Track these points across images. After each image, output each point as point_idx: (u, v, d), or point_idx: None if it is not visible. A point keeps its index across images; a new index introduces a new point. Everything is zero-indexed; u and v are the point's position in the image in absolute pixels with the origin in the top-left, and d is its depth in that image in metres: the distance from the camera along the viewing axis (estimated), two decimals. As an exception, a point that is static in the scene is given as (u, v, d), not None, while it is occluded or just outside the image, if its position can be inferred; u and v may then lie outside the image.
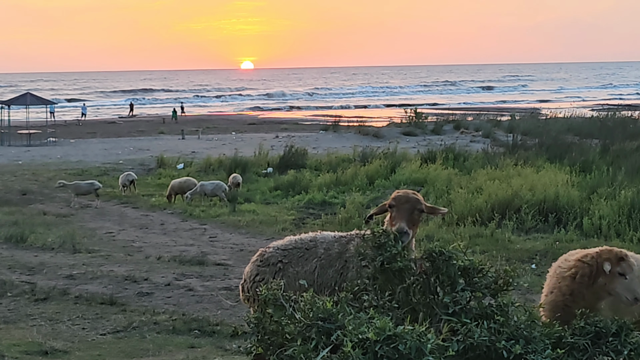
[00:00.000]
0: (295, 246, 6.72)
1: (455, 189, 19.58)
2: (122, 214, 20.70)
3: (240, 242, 16.71)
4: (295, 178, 24.13)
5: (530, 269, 13.33)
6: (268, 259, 6.69)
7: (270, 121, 65.69)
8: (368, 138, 41.29)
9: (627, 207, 16.35)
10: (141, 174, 28.54)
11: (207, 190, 22.43)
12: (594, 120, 45.37)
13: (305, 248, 6.68)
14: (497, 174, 20.98)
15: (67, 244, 15.78)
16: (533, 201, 17.52)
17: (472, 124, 47.56)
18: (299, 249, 6.70)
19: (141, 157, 34.36)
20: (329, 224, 17.97)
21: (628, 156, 24.69)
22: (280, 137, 43.78)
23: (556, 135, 33.72)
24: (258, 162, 28.92)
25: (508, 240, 15.44)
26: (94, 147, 40.21)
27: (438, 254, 5.09)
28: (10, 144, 42.13)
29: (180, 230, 18.38)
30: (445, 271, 5.04)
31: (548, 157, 25.34)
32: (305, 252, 6.65)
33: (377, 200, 20.34)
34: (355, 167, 24.95)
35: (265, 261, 6.69)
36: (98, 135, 49.19)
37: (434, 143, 35.35)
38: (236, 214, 19.86)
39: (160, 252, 15.47)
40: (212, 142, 42.56)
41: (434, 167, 23.89)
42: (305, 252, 6.65)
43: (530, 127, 40.93)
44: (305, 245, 6.70)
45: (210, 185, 22.64)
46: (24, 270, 13.58)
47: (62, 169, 29.87)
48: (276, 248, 6.78)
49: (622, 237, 15.28)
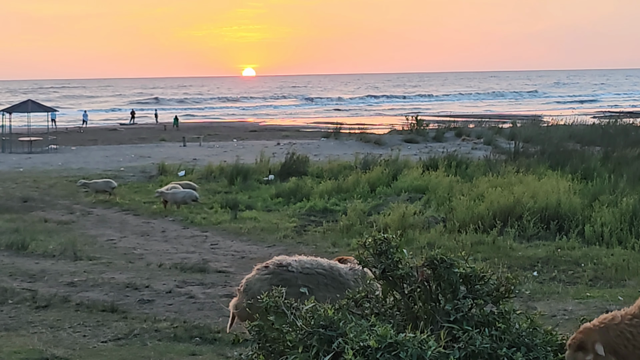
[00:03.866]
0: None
1: (456, 197, 19.56)
2: (123, 221, 20.68)
3: (242, 249, 16.69)
4: (296, 185, 24.10)
5: (532, 277, 13.29)
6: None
7: (271, 128, 65.70)
8: (369, 145, 41.26)
9: (629, 215, 16.33)
10: (142, 181, 28.54)
11: (177, 199, 22.22)
12: (595, 127, 45.37)
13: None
14: (499, 181, 20.95)
15: (68, 251, 15.77)
16: (535, 208, 17.49)
17: (474, 131, 47.55)
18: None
19: (142, 164, 34.35)
20: (331, 232, 17.97)
21: (630, 163, 24.68)
22: (281, 144, 43.79)
23: (558, 143, 33.70)
24: (259, 169, 28.89)
25: (510, 247, 15.42)
26: (95, 154, 40.21)
27: (439, 262, 5.09)
28: (11, 151, 42.16)
29: (182, 237, 18.36)
30: (447, 278, 5.04)
31: (550, 165, 25.31)
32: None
33: (379, 208, 20.35)
34: (356, 175, 24.92)
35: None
36: (99, 143, 49.21)
37: (435, 150, 35.34)
38: (237, 221, 19.84)
39: (162, 259, 15.45)
40: (213, 149, 42.57)
41: (435, 175, 23.87)
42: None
43: (532, 134, 40.90)
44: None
45: (180, 194, 22.37)
46: (25, 278, 13.57)
47: (63, 176, 29.86)
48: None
49: (624, 245, 15.25)
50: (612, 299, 11.60)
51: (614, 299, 11.56)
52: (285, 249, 16.34)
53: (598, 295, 11.93)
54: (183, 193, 22.43)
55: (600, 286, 12.74)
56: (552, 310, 10.93)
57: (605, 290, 12.32)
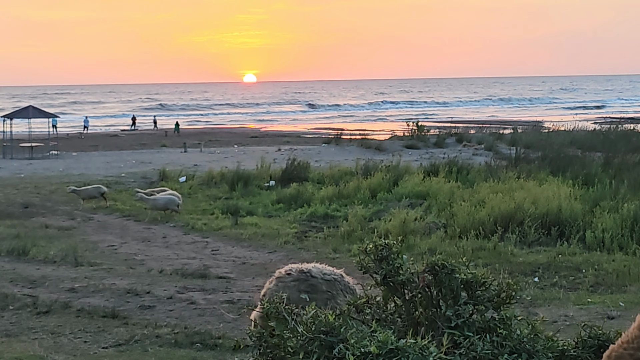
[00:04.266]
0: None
1: (457, 202, 19.55)
2: (124, 227, 20.68)
3: (243, 255, 16.69)
4: (297, 191, 24.10)
5: (533, 282, 13.30)
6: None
7: (272, 134, 65.74)
8: (370, 151, 41.29)
9: (630, 220, 16.34)
10: (143, 187, 28.54)
11: (158, 205, 22.02)
12: (596, 133, 45.41)
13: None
14: (500, 187, 20.95)
15: (69, 257, 15.77)
16: (536, 214, 17.50)
17: (475, 137, 47.60)
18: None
19: (143, 170, 34.33)
20: (332, 237, 17.96)
21: (631, 169, 24.70)
22: (282, 150, 43.79)
23: (559, 149, 33.73)
24: (260, 175, 28.89)
25: (511, 253, 15.42)
26: (96, 160, 40.22)
27: (441, 267, 5.08)
28: (12, 156, 42.17)
29: (183, 243, 18.36)
30: (448, 284, 5.04)
31: (551, 170, 25.32)
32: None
33: (380, 213, 20.35)
34: (357, 180, 24.93)
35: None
36: (100, 148, 49.23)
37: (436, 156, 35.37)
38: (238, 227, 19.84)
39: (163, 265, 15.46)
40: (214, 155, 42.58)
41: (436, 180, 23.87)
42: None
43: (532, 140, 40.95)
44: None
45: (162, 200, 22.13)
46: (25, 284, 13.57)
47: (64, 182, 29.85)
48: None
49: (625, 251, 15.26)
50: (613, 305, 11.60)
51: (615, 305, 11.56)
52: (286, 255, 16.35)
53: (599, 301, 11.93)
54: (165, 199, 22.15)
55: (601, 292, 12.74)
56: (553, 316, 10.92)
57: (607, 296, 12.31)
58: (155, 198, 22.21)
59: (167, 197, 22.30)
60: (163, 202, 22.05)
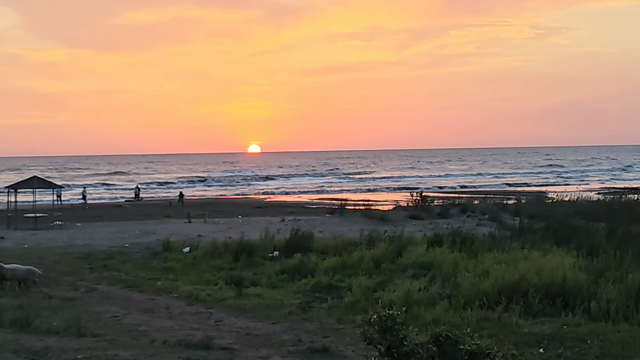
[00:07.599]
0: None
1: (462, 273, 19.52)
2: (127, 298, 20.63)
3: (246, 326, 16.61)
4: (301, 262, 24.08)
5: (538, 354, 13.21)
6: None
7: (276, 205, 65.92)
8: (374, 221, 41.33)
9: (635, 291, 16.31)
10: (147, 258, 28.51)
11: (18, 275, 21.67)
12: (600, 203, 45.44)
13: None
14: (504, 257, 20.94)
15: (72, 327, 15.69)
16: (540, 285, 17.46)
17: (479, 207, 47.68)
18: None
19: (147, 240, 34.36)
20: (335, 308, 17.89)
21: (635, 239, 24.68)
22: (286, 221, 43.84)
23: (563, 219, 33.75)
24: (264, 246, 28.89)
25: (515, 324, 15.34)
26: (100, 231, 40.27)
27: (445, 338, 5.10)
28: (16, 227, 42.25)
29: (186, 314, 18.29)
30: (453, 355, 5.05)
31: (555, 241, 25.31)
32: None
33: (384, 284, 20.28)
34: (361, 251, 24.92)
35: None
36: (104, 219, 49.36)
37: (440, 226, 35.40)
38: (242, 298, 19.79)
39: (166, 336, 15.38)
40: (218, 226, 42.63)
41: (440, 251, 23.86)
42: None
43: (536, 210, 41.00)
44: None
45: (21, 271, 21.82)
46: (28, 355, 13.47)
47: (67, 252, 29.88)
48: None
49: (630, 321, 15.19)
50: (620, 376, 11.50)
51: (621, 377, 11.47)
52: (290, 325, 16.27)
53: (606, 373, 11.83)
54: (25, 269, 21.93)
55: (607, 364, 12.64)
56: (559, 388, 10.83)
57: (613, 368, 12.22)
58: (14, 268, 21.96)
59: (27, 268, 22.21)
60: (22, 272, 21.83)
